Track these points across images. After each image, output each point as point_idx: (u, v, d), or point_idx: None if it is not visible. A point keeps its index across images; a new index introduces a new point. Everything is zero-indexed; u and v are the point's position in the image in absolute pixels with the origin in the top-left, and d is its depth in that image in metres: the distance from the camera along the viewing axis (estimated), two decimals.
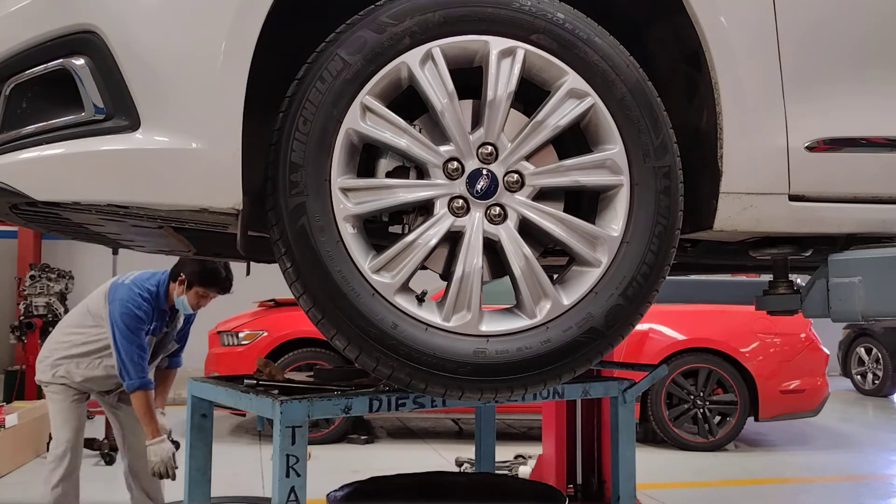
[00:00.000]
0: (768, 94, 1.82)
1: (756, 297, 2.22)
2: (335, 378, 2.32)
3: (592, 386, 2.48)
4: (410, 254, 1.61)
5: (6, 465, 5.41)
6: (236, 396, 2.20)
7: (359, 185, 1.62)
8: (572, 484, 4.05)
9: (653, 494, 4.95)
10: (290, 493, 1.87)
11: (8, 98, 1.59)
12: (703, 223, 1.85)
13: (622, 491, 2.48)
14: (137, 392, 3.48)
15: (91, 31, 1.51)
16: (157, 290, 3.56)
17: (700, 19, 1.75)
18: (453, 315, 1.63)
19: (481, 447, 3.26)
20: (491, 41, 1.63)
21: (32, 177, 1.53)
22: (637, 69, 1.71)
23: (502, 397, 1.69)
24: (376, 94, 1.60)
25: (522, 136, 1.67)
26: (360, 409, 2.04)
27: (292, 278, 1.59)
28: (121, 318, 3.45)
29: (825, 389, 6.60)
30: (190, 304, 3.55)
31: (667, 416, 6.33)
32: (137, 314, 3.48)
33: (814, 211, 1.86)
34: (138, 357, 3.47)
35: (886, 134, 1.91)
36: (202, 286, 3.52)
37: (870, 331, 10.14)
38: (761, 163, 1.81)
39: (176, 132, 1.51)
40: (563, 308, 1.66)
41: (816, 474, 5.80)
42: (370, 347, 1.59)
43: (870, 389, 10.25)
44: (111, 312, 3.51)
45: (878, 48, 1.94)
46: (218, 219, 1.81)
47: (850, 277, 1.90)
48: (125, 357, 3.44)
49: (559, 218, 1.69)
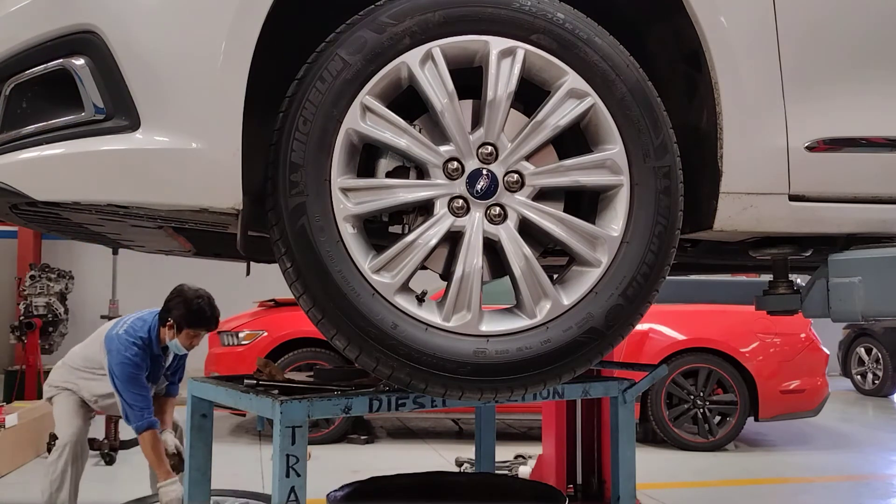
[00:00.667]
0: (768, 94, 1.82)
1: (756, 297, 2.22)
2: (335, 378, 2.31)
3: (592, 386, 2.48)
4: (410, 254, 1.61)
5: (6, 465, 5.41)
6: (236, 396, 2.20)
7: (359, 185, 1.62)
8: (572, 484, 4.05)
9: (653, 494, 4.95)
10: (290, 493, 1.87)
11: (8, 98, 1.59)
12: (703, 223, 1.85)
13: (622, 491, 2.48)
14: (144, 434, 3.59)
15: (91, 31, 1.51)
16: (148, 337, 3.68)
17: (700, 19, 1.75)
18: (453, 315, 1.63)
19: (481, 447, 3.26)
20: (491, 41, 1.63)
21: (32, 177, 1.53)
22: (637, 69, 1.71)
23: (502, 397, 1.69)
24: (376, 94, 1.60)
25: (522, 136, 1.67)
26: (360, 409, 2.04)
27: (292, 278, 1.59)
28: (119, 369, 3.58)
29: (825, 389, 6.60)
30: (182, 345, 3.68)
31: (667, 416, 6.33)
32: (134, 361, 3.61)
33: (814, 211, 1.86)
34: (142, 400, 3.59)
35: (886, 134, 1.91)
36: (190, 328, 3.64)
37: (870, 331, 10.14)
38: (761, 163, 1.81)
39: (176, 132, 1.51)
40: (563, 308, 1.66)
41: (816, 474, 5.80)
42: (370, 347, 1.59)
43: (870, 389, 10.25)
44: (109, 364, 3.64)
45: (878, 48, 1.94)
46: (218, 219, 1.81)
47: (850, 277, 1.90)
48: (129, 402, 3.58)
49: (559, 218, 1.69)
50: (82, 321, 9.27)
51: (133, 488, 4.29)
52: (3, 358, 9.73)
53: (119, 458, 5.66)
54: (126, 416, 3.60)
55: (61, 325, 8.17)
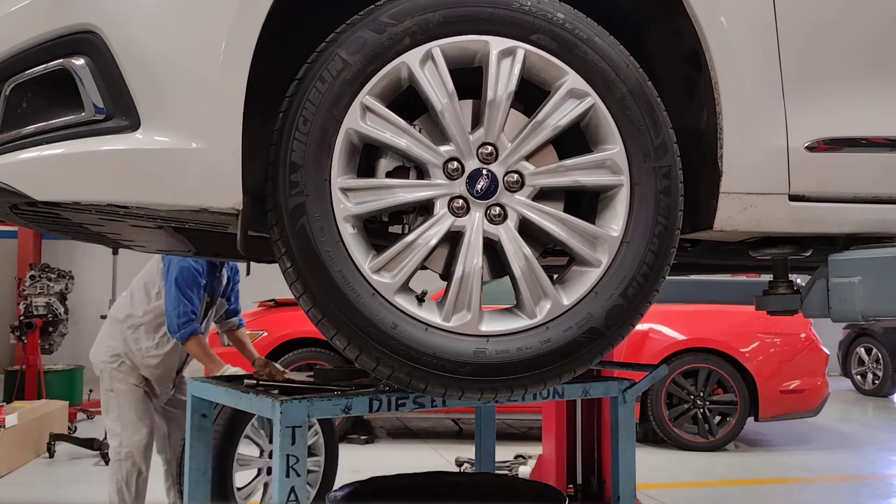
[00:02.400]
0: (768, 94, 1.82)
1: (756, 297, 2.22)
2: (335, 378, 2.32)
3: (592, 386, 2.48)
4: (410, 254, 1.61)
5: (6, 465, 5.41)
6: (236, 396, 2.20)
7: (359, 185, 1.61)
8: (572, 484, 4.05)
9: (653, 494, 4.95)
10: (290, 493, 1.87)
11: (8, 98, 1.59)
12: (703, 223, 1.85)
13: (622, 491, 2.48)
14: (190, 340, 3.57)
15: (91, 31, 1.51)
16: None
17: (700, 19, 1.75)
18: (453, 315, 1.62)
19: (481, 447, 3.26)
20: (491, 41, 1.63)
21: (32, 177, 1.53)
22: (637, 69, 1.71)
23: (502, 397, 1.69)
24: (376, 94, 1.60)
25: (522, 136, 1.67)
26: (360, 409, 2.04)
27: (292, 278, 1.59)
28: (180, 272, 3.55)
29: (825, 389, 6.61)
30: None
31: (667, 416, 6.33)
32: (194, 266, 3.58)
33: (814, 211, 1.86)
34: (191, 310, 3.56)
35: (886, 134, 1.91)
36: None
37: (870, 331, 10.14)
38: (761, 163, 1.81)
39: (176, 132, 1.50)
40: (563, 308, 1.66)
41: (816, 474, 5.80)
42: (370, 347, 1.58)
43: (870, 389, 10.25)
44: (168, 271, 3.59)
45: (879, 48, 1.94)
46: (218, 219, 1.81)
47: (850, 277, 1.90)
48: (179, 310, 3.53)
49: (559, 218, 1.69)
50: (82, 321, 9.29)
51: None
52: (3, 358, 9.74)
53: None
54: (170, 326, 3.57)
55: (61, 325, 8.16)
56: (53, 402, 6.77)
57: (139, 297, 3.79)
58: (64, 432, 6.29)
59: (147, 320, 3.73)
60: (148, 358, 3.72)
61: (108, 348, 3.75)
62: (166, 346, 3.72)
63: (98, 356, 3.78)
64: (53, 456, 5.89)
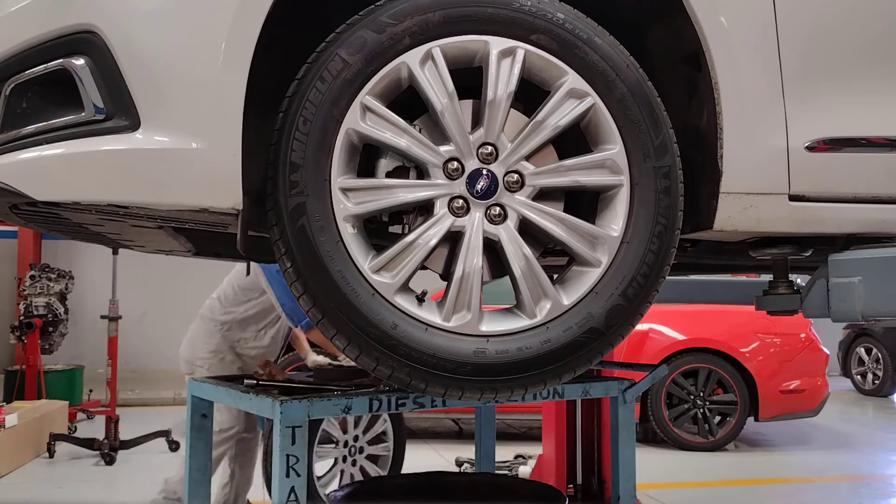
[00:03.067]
0: (768, 94, 1.82)
1: (756, 297, 2.22)
2: (335, 378, 2.32)
3: (592, 386, 2.48)
4: (410, 254, 1.61)
5: (6, 465, 5.41)
6: (236, 396, 2.20)
7: (359, 185, 1.61)
8: (572, 484, 4.05)
9: (653, 494, 4.95)
10: (290, 493, 1.87)
11: (8, 98, 1.59)
12: (703, 223, 1.85)
13: (622, 491, 2.48)
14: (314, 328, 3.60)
15: (91, 31, 1.51)
16: None
17: (700, 19, 1.75)
18: (453, 315, 1.62)
19: (481, 447, 3.26)
20: (491, 41, 1.63)
21: (32, 177, 1.53)
22: (637, 69, 1.71)
23: (502, 397, 1.69)
24: (376, 94, 1.60)
25: (522, 136, 1.67)
26: (360, 409, 2.04)
27: (292, 278, 1.59)
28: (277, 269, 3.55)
29: (825, 389, 6.60)
30: None
31: (667, 416, 6.33)
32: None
33: (814, 211, 1.86)
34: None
35: (886, 134, 1.91)
36: None
37: (870, 331, 10.14)
38: (761, 163, 1.81)
39: (176, 132, 1.51)
40: (563, 308, 1.66)
41: (816, 474, 5.80)
42: (370, 347, 1.58)
43: (870, 389, 10.25)
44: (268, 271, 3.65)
45: (879, 48, 1.94)
46: (218, 219, 1.81)
47: (850, 277, 1.90)
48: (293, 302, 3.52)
49: (559, 218, 1.69)
50: (82, 321, 9.27)
51: (133, 488, 4.30)
52: (3, 358, 9.73)
53: (119, 458, 5.67)
54: (291, 318, 3.66)
55: (61, 325, 8.15)
56: (53, 402, 6.78)
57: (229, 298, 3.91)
58: (64, 432, 6.30)
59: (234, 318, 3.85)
60: (247, 349, 3.87)
61: (206, 344, 3.85)
62: (263, 339, 3.86)
63: (196, 353, 3.87)
64: (53, 456, 5.89)
